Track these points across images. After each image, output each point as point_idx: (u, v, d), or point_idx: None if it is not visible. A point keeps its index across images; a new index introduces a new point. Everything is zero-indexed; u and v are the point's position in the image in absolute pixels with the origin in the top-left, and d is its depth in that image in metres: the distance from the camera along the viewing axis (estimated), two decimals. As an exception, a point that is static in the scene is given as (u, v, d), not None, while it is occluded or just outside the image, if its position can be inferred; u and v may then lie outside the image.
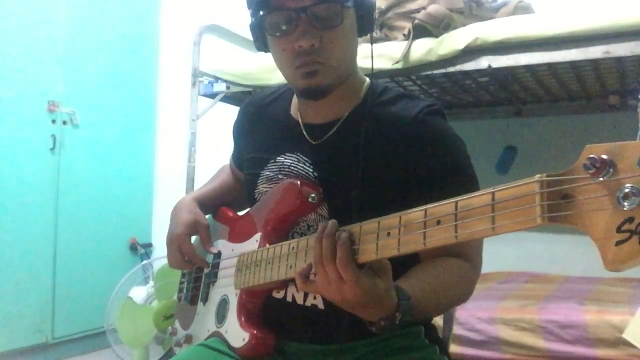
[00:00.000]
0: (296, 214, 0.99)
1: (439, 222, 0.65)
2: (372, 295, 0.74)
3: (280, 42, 0.95)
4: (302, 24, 0.92)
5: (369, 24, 1.00)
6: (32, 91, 2.87)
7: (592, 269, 2.61)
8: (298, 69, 0.94)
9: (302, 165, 1.02)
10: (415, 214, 0.68)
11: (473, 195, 0.62)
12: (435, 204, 0.66)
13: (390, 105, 1.00)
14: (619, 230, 0.49)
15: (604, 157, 0.50)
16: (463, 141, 0.99)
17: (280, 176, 1.04)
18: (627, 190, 0.49)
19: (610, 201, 0.50)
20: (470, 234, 0.61)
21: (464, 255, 0.93)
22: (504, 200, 0.58)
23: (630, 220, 0.49)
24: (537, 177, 0.55)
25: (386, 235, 0.71)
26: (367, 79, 1.06)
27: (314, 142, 1.03)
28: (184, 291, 1.23)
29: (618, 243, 0.49)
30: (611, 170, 0.50)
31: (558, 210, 0.53)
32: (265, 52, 1.03)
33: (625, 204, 0.49)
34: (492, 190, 0.60)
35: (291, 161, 1.03)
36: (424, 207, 0.67)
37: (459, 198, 0.63)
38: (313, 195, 0.96)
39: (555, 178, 0.54)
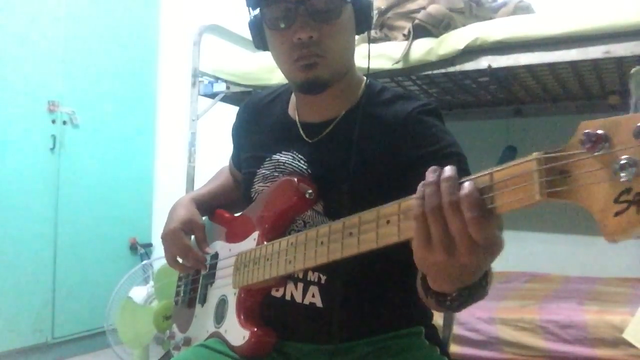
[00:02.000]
0: (293, 211, 0.99)
1: None
2: (494, 254, 0.64)
3: (279, 36, 0.96)
4: (300, 17, 0.92)
5: (366, 21, 1.00)
6: (32, 91, 2.88)
7: (592, 269, 2.61)
8: (296, 62, 0.95)
9: (297, 163, 1.02)
10: (414, 199, 0.67)
11: (472, 177, 0.62)
12: None
13: (387, 105, 1.00)
14: (616, 201, 0.50)
15: (600, 131, 0.51)
16: (456, 139, 0.98)
17: (275, 174, 1.04)
18: (623, 161, 0.49)
19: (607, 174, 0.51)
20: None
21: None
22: (503, 180, 0.58)
23: (628, 191, 0.49)
24: (534, 154, 0.56)
25: (386, 223, 0.71)
26: (365, 79, 1.06)
27: (309, 141, 1.03)
28: (181, 294, 1.23)
29: (617, 214, 0.50)
30: (607, 143, 0.51)
31: (556, 186, 0.54)
32: (264, 50, 1.03)
33: (622, 175, 0.49)
34: (490, 171, 0.60)
35: (286, 159, 1.04)
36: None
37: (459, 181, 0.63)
38: (310, 191, 0.96)
39: (553, 155, 0.55)
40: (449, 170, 0.62)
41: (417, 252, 0.65)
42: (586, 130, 0.52)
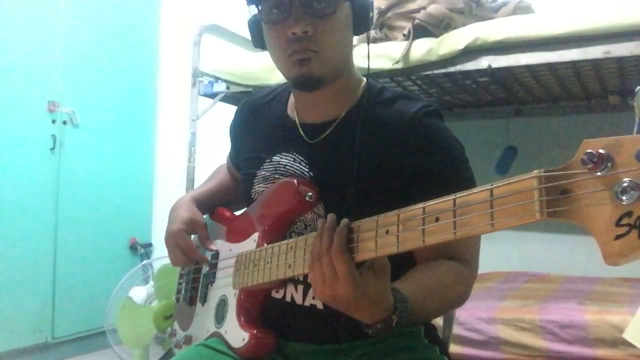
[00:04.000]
0: (293, 213, 0.99)
1: (437, 219, 0.64)
2: (365, 294, 0.73)
3: (274, 31, 0.96)
4: (295, 11, 0.93)
5: (364, 21, 1.00)
6: (32, 91, 2.87)
7: (592, 269, 2.61)
8: (290, 57, 0.95)
9: (298, 165, 1.02)
10: (414, 211, 0.68)
11: (471, 191, 0.62)
12: (434, 200, 0.66)
13: (388, 105, 1.00)
14: (617, 224, 0.49)
15: (602, 151, 0.50)
16: (460, 143, 0.99)
17: (276, 176, 1.04)
18: (625, 184, 0.49)
19: (609, 196, 0.50)
20: (469, 230, 0.61)
21: (461, 258, 0.93)
22: (502, 196, 0.58)
23: (629, 214, 0.49)
24: (535, 172, 0.55)
25: (385, 233, 0.70)
26: (365, 79, 1.06)
27: (310, 142, 1.03)
28: (182, 292, 1.23)
29: (617, 237, 0.49)
30: (609, 164, 0.50)
31: (557, 206, 0.53)
32: (263, 49, 1.03)
33: (624, 198, 0.49)
34: (490, 187, 0.60)
35: (287, 160, 1.03)
36: (422, 204, 0.67)
37: (457, 195, 0.63)
38: (310, 193, 0.96)
39: (554, 173, 0.54)
40: (329, 219, 0.76)
41: (315, 289, 0.78)
42: (588, 150, 0.51)
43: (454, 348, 1.94)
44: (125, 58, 3.37)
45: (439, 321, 1.79)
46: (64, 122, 3.01)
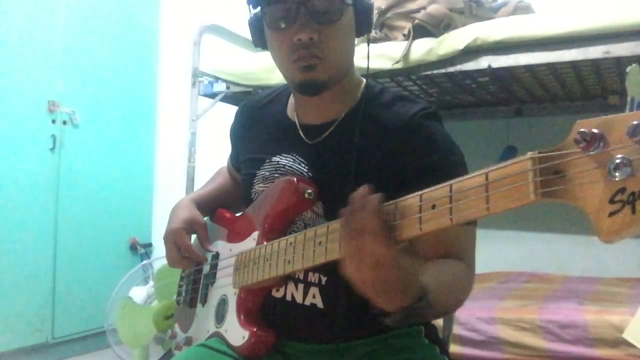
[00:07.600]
0: (293, 211, 0.99)
1: (434, 206, 0.65)
2: (407, 278, 0.69)
3: (279, 36, 0.95)
4: (301, 17, 0.92)
5: (366, 24, 1.00)
6: (32, 91, 2.88)
7: (592, 269, 2.61)
8: (296, 63, 0.94)
9: (298, 165, 1.02)
10: (411, 199, 0.68)
11: (467, 177, 0.62)
12: (430, 188, 0.66)
13: (387, 107, 1.00)
14: (611, 201, 0.50)
15: (595, 130, 0.51)
16: (458, 146, 0.99)
17: (276, 175, 1.04)
18: (617, 161, 0.49)
19: (602, 173, 0.50)
20: (466, 215, 0.61)
21: (462, 258, 0.93)
22: (497, 179, 0.58)
23: (622, 190, 0.49)
24: (529, 154, 0.56)
25: None
26: (364, 80, 1.06)
27: (310, 143, 1.03)
28: (183, 294, 1.23)
29: (611, 214, 0.50)
30: (601, 143, 0.51)
31: (551, 186, 0.54)
32: (263, 48, 1.03)
33: (617, 174, 0.49)
34: (485, 171, 0.60)
35: (287, 161, 1.03)
36: (419, 192, 0.67)
37: (453, 181, 0.64)
38: (309, 191, 0.97)
39: (547, 154, 0.54)
40: (374, 197, 0.69)
41: (344, 268, 0.71)
42: (581, 129, 0.52)
43: (454, 348, 1.94)
44: (125, 58, 3.37)
45: (439, 321, 1.79)
46: (64, 122, 3.01)
